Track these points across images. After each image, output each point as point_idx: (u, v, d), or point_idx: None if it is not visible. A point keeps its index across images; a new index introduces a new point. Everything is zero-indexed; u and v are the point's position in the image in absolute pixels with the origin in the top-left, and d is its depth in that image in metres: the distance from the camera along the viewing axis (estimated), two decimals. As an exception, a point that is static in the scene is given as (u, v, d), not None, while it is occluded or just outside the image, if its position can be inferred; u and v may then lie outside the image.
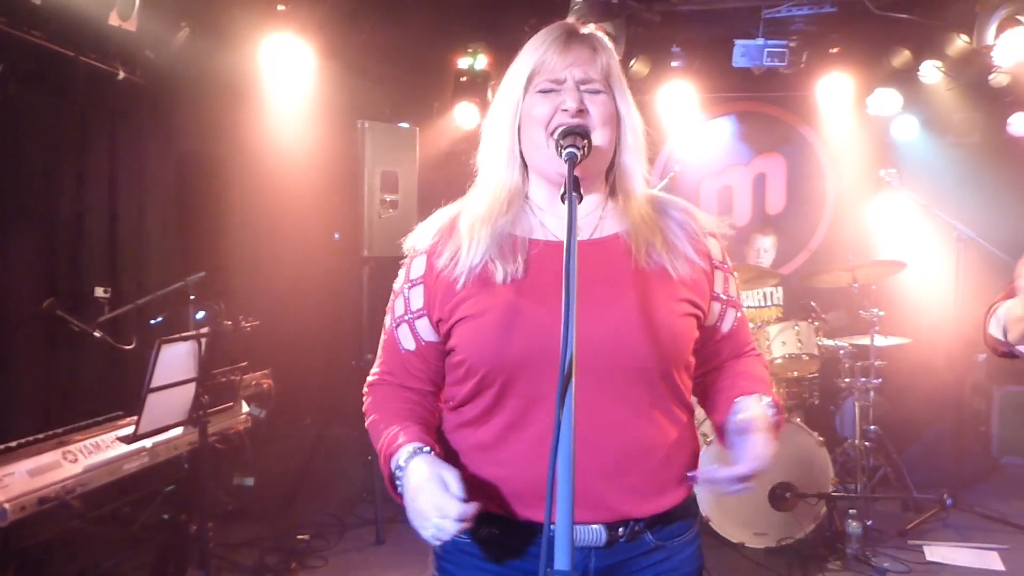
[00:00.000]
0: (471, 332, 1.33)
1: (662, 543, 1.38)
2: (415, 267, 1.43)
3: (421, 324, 1.42)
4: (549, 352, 1.28)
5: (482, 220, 1.37)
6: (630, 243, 1.37)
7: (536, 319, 1.30)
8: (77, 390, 4.07)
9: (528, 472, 1.31)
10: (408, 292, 1.43)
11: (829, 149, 6.12)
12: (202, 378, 2.93)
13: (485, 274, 1.34)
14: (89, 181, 4.33)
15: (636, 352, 1.31)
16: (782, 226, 6.00)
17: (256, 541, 4.04)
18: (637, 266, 1.35)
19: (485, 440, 1.36)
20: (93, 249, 4.36)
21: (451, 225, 1.42)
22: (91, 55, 3.86)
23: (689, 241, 1.40)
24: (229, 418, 3.43)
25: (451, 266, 1.36)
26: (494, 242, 1.35)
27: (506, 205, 1.39)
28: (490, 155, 1.43)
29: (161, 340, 2.69)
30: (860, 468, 4.34)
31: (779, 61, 4.84)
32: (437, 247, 1.40)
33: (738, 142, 6.36)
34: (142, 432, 2.75)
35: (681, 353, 1.37)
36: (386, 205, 4.60)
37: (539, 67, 1.36)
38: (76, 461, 2.61)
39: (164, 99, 4.52)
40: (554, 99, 1.34)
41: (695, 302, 1.38)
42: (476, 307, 1.33)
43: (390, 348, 1.47)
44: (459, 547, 1.39)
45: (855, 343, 4.55)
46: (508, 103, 1.39)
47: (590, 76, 1.35)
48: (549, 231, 1.39)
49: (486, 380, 1.33)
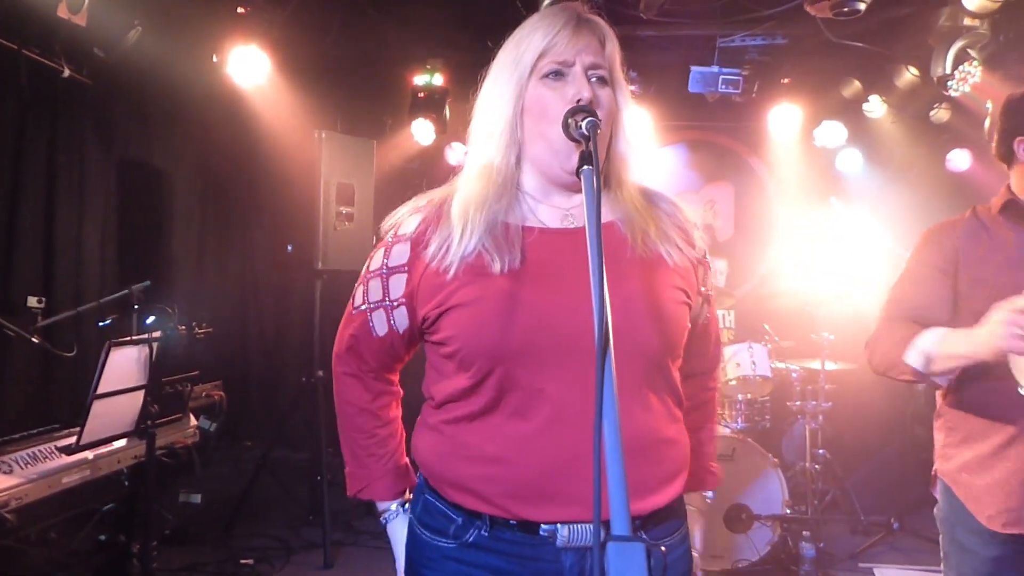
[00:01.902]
0: (466, 320, 1.26)
1: (656, 541, 1.32)
2: (397, 253, 1.35)
3: (399, 313, 1.36)
4: (553, 337, 1.23)
5: (476, 206, 1.30)
6: (625, 231, 1.34)
7: (538, 304, 1.25)
8: (9, 400, 3.82)
9: (526, 467, 1.24)
10: (388, 278, 1.36)
11: (776, 178, 6.28)
12: (152, 386, 2.76)
13: (479, 263, 1.27)
14: (24, 183, 4.11)
15: (639, 338, 1.26)
16: (731, 252, 6.11)
17: (198, 566, 3.83)
18: (633, 253, 1.32)
19: (477, 436, 1.28)
20: (27, 255, 4.14)
21: (438, 212, 1.34)
22: (35, 49, 3.67)
23: (678, 232, 1.38)
24: (177, 431, 3.25)
25: (441, 255, 1.29)
26: (488, 230, 1.29)
27: (500, 191, 1.33)
28: (486, 138, 1.36)
29: (111, 342, 2.53)
30: (810, 491, 4.38)
31: (733, 88, 4.95)
32: (424, 235, 1.32)
33: (688, 170, 6.48)
34: (85, 442, 2.57)
35: (679, 341, 1.34)
36: (342, 217, 4.49)
37: (549, 48, 1.31)
38: (11, 472, 2.42)
39: (110, 101, 4.34)
40: (564, 89, 1.29)
41: (687, 292, 1.37)
42: (471, 295, 1.26)
43: (362, 329, 1.43)
44: (443, 553, 1.31)
45: (805, 366, 4.63)
46: (510, 85, 1.33)
47: (598, 63, 1.31)
48: (541, 220, 1.34)
49: (482, 371, 1.25)
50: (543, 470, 1.23)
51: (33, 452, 2.56)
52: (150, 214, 5.15)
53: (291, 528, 4.41)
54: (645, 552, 0.71)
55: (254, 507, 4.51)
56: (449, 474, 1.31)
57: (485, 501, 1.27)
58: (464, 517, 1.29)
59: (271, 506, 4.63)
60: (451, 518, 1.31)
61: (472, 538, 1.28)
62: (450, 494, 1.31)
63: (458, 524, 1.30)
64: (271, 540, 4.25)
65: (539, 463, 1.23)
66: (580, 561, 1.26)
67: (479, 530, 1.28)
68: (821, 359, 4.47)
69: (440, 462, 1.32)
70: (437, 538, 1.32)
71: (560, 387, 1.23)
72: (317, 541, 4.15)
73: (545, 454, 1.23)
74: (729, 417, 4.50)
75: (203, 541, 4.14)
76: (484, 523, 1.27)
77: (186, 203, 5.46)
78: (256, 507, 4.52)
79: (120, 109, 4.53)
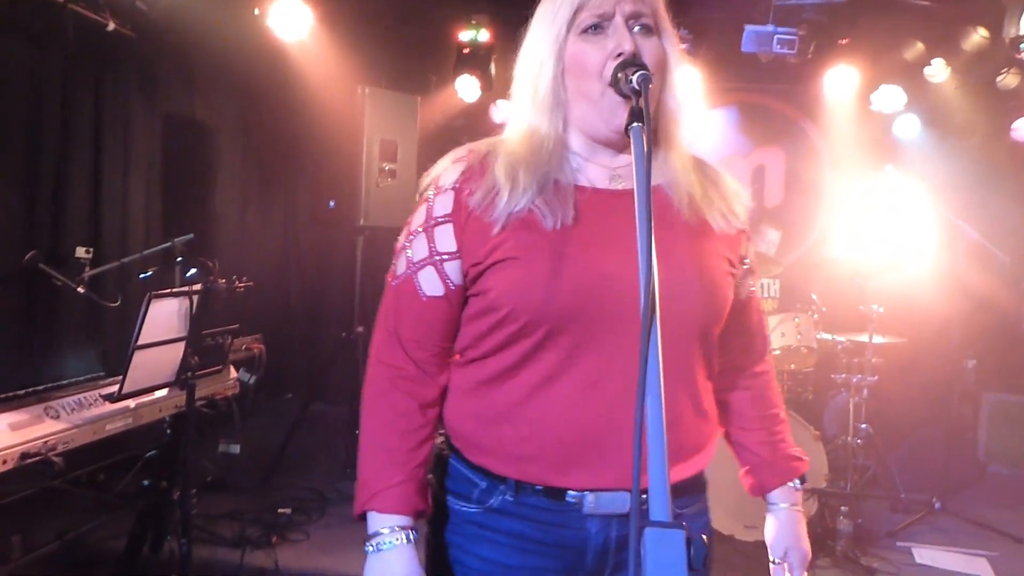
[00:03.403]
0: (514, 276, 1.19)
1: (680, 511, 1.30)
2: (440, 204, 1.26)
3: (451, 267, 1.25)
4: (602, 301, 1.18)
5: (525, 167, 1.23)
6: (672, 196, 1.28)
7: (588, 266, 1.19)
8: (58, 348, 3.91)
9: (559, 431, 1.20)
10: (433, 231, 1.25)
11: (830, 144, 6.09)
12: (192, 338, 2.79)
13: (530, 218, 1.21)
14: (72, 136, 4.15)
15: (687, 306, 1.21)
16: (780, 219, 5.96)
17: (237, 513, 3.92)
18: (680, 218, 1.26)
19: (509, 397, 1.23)
20: (75, 207, 4.21)
21: (482, 163, 1.26)
22: (80, 3, 3.69)
23: (724, 200, 1.33)
24: (217, 382, 3.29)
25: (486, 207, 1.21)
26: (539, 189, 1.22)
27: (550, 154, 1.26)
28: (530, 101, 1.28)
29: (151, 294, 2.55)
30: (851, 466, 4.30)
31: (788, 49, 4.77)
32: (468, 183, 1.24)
33: (738, 133, 6.31)
34: (127, 392, 2.61)
35: (724, 310, 1.29)
36: (384, 174, 4.48)
37: (584, 2, 1.22)
38: (59, 418, 2.48)
39: (155, 54, 4.35)
40: (603, 42, 1.21)
41: (732, 261, 1.32)
42: (518, 250, 1.19)
43: (405, 300, 1.29)
44: (465, 518, 1.27)
45: (852, 339, 4.51)
46: (548, 43, 1.25)
47: (640, 11, 1.22)
48: (590, 180, 1.27)
49: (526, 329, 1.19)
50: (578, 435, 1.19)
51: (79, 399, 2.62)
52: (194, 168, 5.19)
53: (328, 480, 4.47)
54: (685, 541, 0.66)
55: (293, 459, 4.58)
56: (477, 435, 1.27)
57: (513, 464, 1.23)
58: (488, 481, 1.26)
59: (309, 458, 4.70)
60: (474, 482, 1.28)
61: (496, 503, 1.25)
62: (476, 456, 1.27)
63: (482, 488, 1.27)
64: (308, 492, 4.32)
65: (575, 427, 1.19)
66: (605, 528, 1.23)
67: (503, 495, 1.25)
68: (869, 332, 4.35)
69: (470, 422, 1.28)
70: (460, 502, 1.29)
71: (603, 352, 1.19)
72: (352, 494, 4.20)
73: (582, 419, 1.19)
74: (772, 387, 4.42)
75: (243, 490, 4.24)
76: (509, 487, 1.24)
77: (230, 157, 5.49)
78: (295, 459, 4.60)
79: (164, 63, 4.54)
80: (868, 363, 4.37)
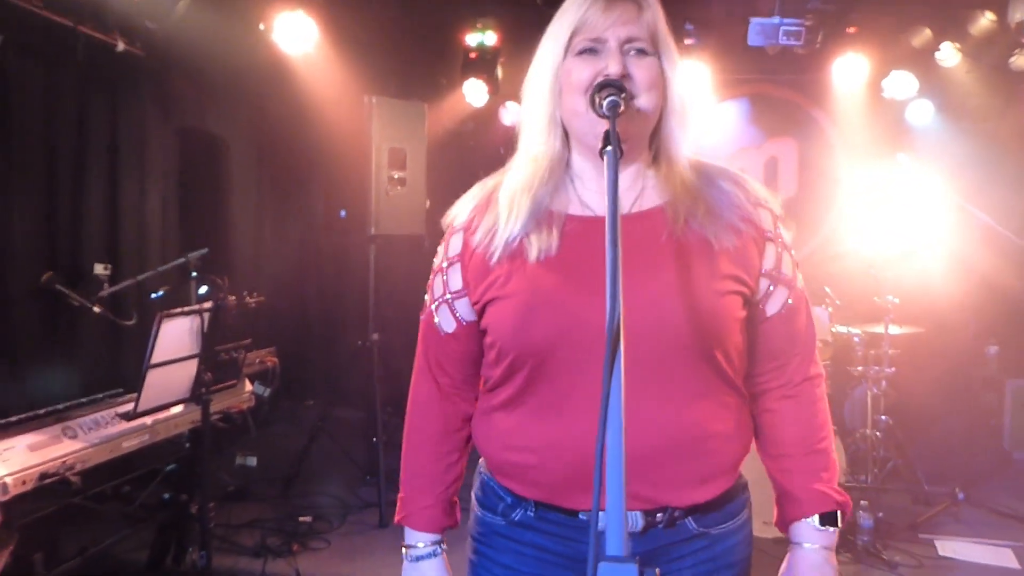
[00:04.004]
0: (500, 313, 1.27)
1: (705, 530, 1.30)
2: (453, 244, 1.35)
3: (461, 304, 1.35)
4: (579, 335, 1.20)
5: (523, 190, 1.28)
6: (669, 215, 1.27)
7: (566, 301, 1.22)
8: (77, 366, 4.00)
9: (561, 460, 1.25)
10: (447, 271, 1.36)
11: (842, 133, 6.02)
12: (204, 354, 2.85)
13: (519, 250, 1.26)
14: (88, 155, 4.24)
15: (673, 331, 1.21)
16: (794, 211, 5.91)
17: (258, 522, 3.99)
18: (676, 239, 1.25)
19: (516, 425, 1.30)
20: (93, 224, 4.29)
21: (488, 199, 1.33)
22: (90, 24, 3.76)
23: (736, 211, 1.28)
24: (232, 396, 3.35)
25: (486, 241, 1.28)
26: (532, 215, 1.26)
27: (547, 174, 1.29)
28: (530, 123, 1.33)
29: (162, 314, 2.60)
30: (871, 459, 4.27)
31: (795, 40, 4.73)
32: (473, 222, 1.32)
33: (749, 125, 6.26)
34: (142, 409, 2.67)
35: (724, 333, 1.25)
36: (394, 182, 4.50)
37: (580, 26, 1.25)
38: (76, 437, 2.54)
39: (165, 72, 4.43)
40: (594, 62, 1.23)
41: (740, 277, 1.26)
42: (506, 287, 1.26)
43: (430, 331, 1.41)
44: (494, 529, 1.36)
45: (868, 330, 4.48)
46: (547, 66, 1.29)
47: (634, 35, 1.23)
48: (588, 206, 1.29)
49: (516, 363, 1.26)
50: (577, 462, 1.23)
51: (96, 418, 2.69)
52: (209, 181, 5.27)
53: (348, 488, 4.53)
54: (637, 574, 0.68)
55: (312, 466, 4.64)
56: (494, 459, 1.36)
57: (528, 487, 1.30)
58: (513, 498, 1.33)
59: (329, 465, 4.75)
60: (501, 497, 1.35)
61: (519, 517, 1.33)
62: (499, 477, 1.35)
63: (507, 503, 1.34)
64: (329, 498, 4.38)
65: (572, 456, 1.23)
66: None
67: (525, 510, 1.32)
68: (885, 323, 4.31)
69: (488, 446, 1.37)
70: (489, 514, 1.37)
71: (592, 381, 1.21)
72: (373, 500, 4.26)
73: (577, 447, 1.22)
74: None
75: (263, 498, 4.31)
76: (530, 505, 1.31)
77: (244, 170, 5.57)
78: (314, 466, 4.65)
79: (175, 79, 4.62)
80: (885, 354, 4.34)
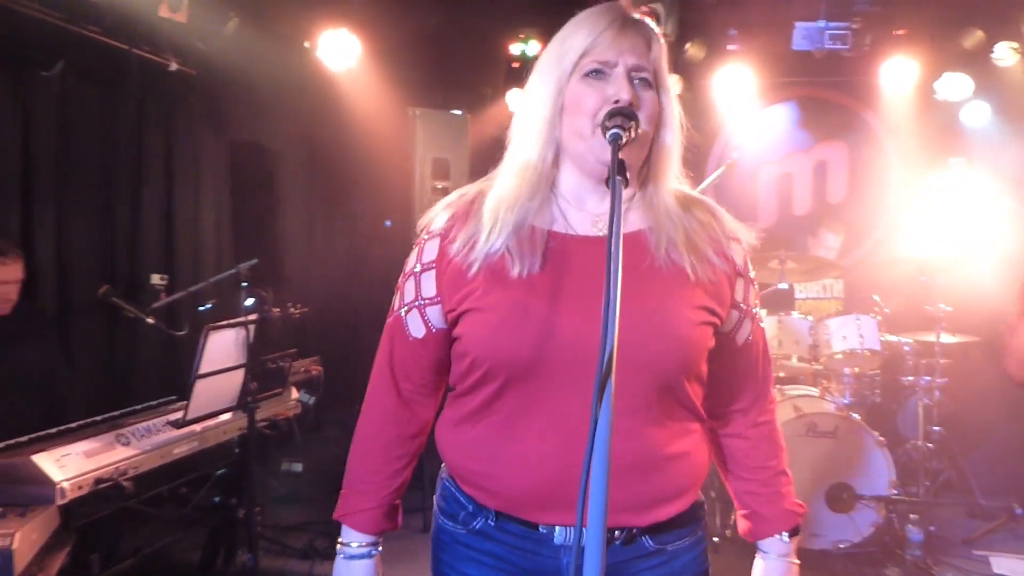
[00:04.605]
0: (479, 326, 1.27)
1: (661, 547, 1.32)
2: (428, 250, 1.35)
3: (432, 311, 1.35)
4: (555, 353, 1.23)
5: (508, 205, 1.29)
6: (651, 240, 1.30)
7: (548, 319, 1.23)
8: (135, 374, 4.18)
9: (524, 475, 1.26)
10: (420, 276, 1.35)
11: (894, 136, 5.88)
12: (250, 365, 2.95)
13: (500, 264, 1.27)
14: (145, 170, 4.43)
15: (645, 357, 1.23)
16: (844, 216, 5.80)
17: (306, 525, 4.09)
18: (654, 266, 1.28)
19: (483, 435, 1.31)
20: (150, 237, 4.47)
21: (468, 208, 1.33)
22: (144, 47, 3.93)
23: (711, 244, 1.32)
24: (278, 404, 3.46)
25: (465, 251, 1.28)
26: (515, 230, 1.28)
27: (533, 190, 1.31)
28: (525, 135, 1.34)
29: (208, 327, 2.71)
30: (922, 471, 4.17)
31: (841, 44, 4.66)
32: (451, 231, 1.32)
33: (798, 129, 6.15)
34: (191, 417, 2.78)
35: (693, 361, 1.29)
36: (437, 192, 4.60)
37: (593, 46, 1.28)
38: (129, 444, 2.66)
39: (216, 89, 4.59)
40: (603, 87, 1.26)
41: (712, 309, 1.30)
42: (486, 300, 1.26)
43: (398, 334, 1.40)
44: (455, 538, 1.37)
45: (920, 339, 4.37)
46: (551, 83, 1.31)
47: (642, 66, 1.27)
48: (570, 225, 1.31)
49: (489, 375, 1.27)
50: (542, 478, 1.25)
51: (148, 425, 2.81)
52: (261, 193, 5.43)
53: (396, 491, 4.60)
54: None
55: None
56: (458, 467, 1.36)
57: (489, 496, 1.31)
58: (474, 505, 1.34)
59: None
60: (462, 504, 1.36)
61: (479, 526, 1.34)
62: (462, 484, 1.36)
63: (468, 511, 1.35)
64: (375, 503, 4.45)
65: (537, 471, 1.26)
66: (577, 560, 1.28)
67: (486, 519, 1.33)
68: (936, 332, 4.21)
69: (451, 453, 1.37)
70: (449, 522, 1.38)
71: (561, 399, 1.24)
72: (417, 505, 4.33)
73: (544, 463, 1.25)
74: (836, 392, 4.33)
75: (314, 502, 4.41)
76: (491, 514, 1.32)
77: (294, 181, 5.72)
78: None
79: (226, 96, 4.77)
80: (937, 364, 4.24)
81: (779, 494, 1.44)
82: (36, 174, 3.76)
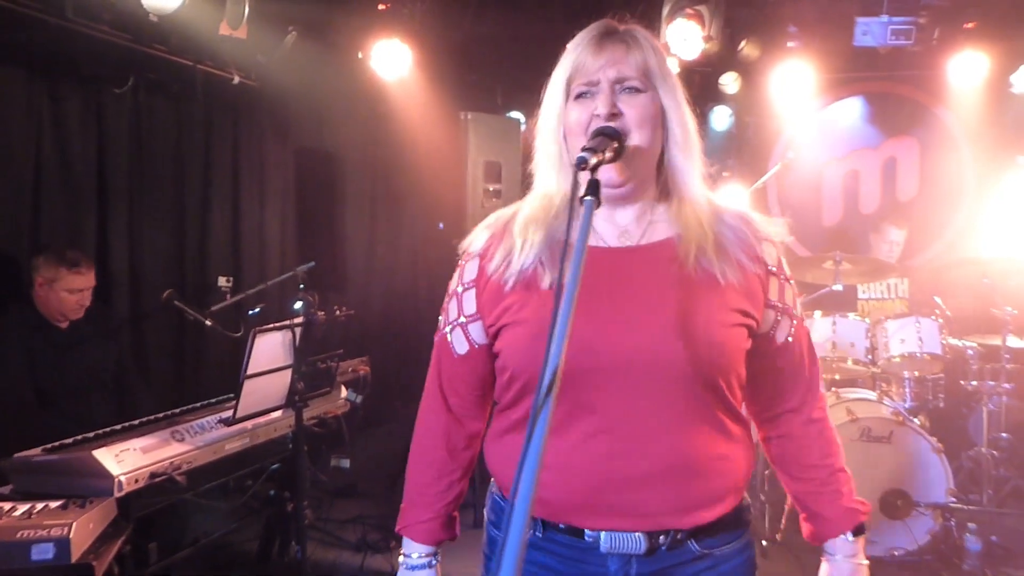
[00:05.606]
0: (513, 339, 1.33)
1: (707, 551, 1.34)
2: (468, 270, 1.42)
3: (474, 328, 1.41)
4: (595, 359, 1.26)
5: (536, 223, 1.36)
6: (679, 248, 1.32)
7: (582, 329, 1.24)
8: (201, 373, 4.42)
9: (570, 482, 1.30)
10: (462, 296, 1.42)
11: (967, 132, 5.63)
12: (297, 365, 3.09)
13: (533, 278, 1.33)
14: (213, 178, 4.67)
15: (674, 361, 1.26)
16: (913, 214, 5.60)
17: (361, 518, 4.23)
18: (684, 272, 1.30)
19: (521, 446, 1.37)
20: (218, 241, 4.71)
21: (504, 228, 1.40)
22: (208, 63, 4.15)
23: (742, 248, 1.34)
24: (327, 403, 3.60)
25: (502, 269, 1.35)
26: (546, 245, 1.33)
27: (558, 212, 1.36)
28: (540, 162, 1.41)
29: (255, 330, 2.86)
30: (987, 478, 4.01)
31: (905, 39, 4.49)
32: (489, 250, 1.39)
33: (867, 124, 5.97)
34: (240, 416, 2.94)
35: (727, 364, 1.31)
36: (489, 195, 4.67)
37: (575, 71, 1.33)
38: (183, 440, 2.83)
39: (278, 99, 4.79)
40: (588, 104, 1.31)
41: (745, 311, 1.32)
42: (519, 313, 1.32)
43: (444, 352, 1.47)
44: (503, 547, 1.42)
45: (985, 343, 4.20)
46: (552, 110, 1.37)
47: (625, 75, 1.30)
48: (600, 237, 1.36)
49: (528, 388, 1.33)
50: (586, 483, 1.29)
51: (202, 423, 2.97)
52: (322, 199, 5.63)
53: (447, 488, 4.71)
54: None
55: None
56: (504, 479, 1.42)
57: (535, 505, 1.35)
58: None
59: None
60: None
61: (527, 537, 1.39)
62: (507, 495, 1.41)
63: None
64: (428, 499, 4.57)
65: (583, 476, 1.29)
66: (624, 567, 1.32)
67: (533, 530, 1.36)
68: (1003, 335, 4.04)
69: (497, 465, 1.43)
70: (498, 532, 1.44)
71: (600, 406, 1.28)
72: (469, 501, 4.42)
73: (586, 469, 1.29)
74: (896, 396, 4.21)
75: (369, 496, 4.57)
76: (538, 525, 1.36)
77: (355, 186, 5.90)
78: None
79: (287, 106, 4.98)
80: (1003, 369, 4.07)
81: (839, 492, 1.44)
82: (111, 184, 4.02)
